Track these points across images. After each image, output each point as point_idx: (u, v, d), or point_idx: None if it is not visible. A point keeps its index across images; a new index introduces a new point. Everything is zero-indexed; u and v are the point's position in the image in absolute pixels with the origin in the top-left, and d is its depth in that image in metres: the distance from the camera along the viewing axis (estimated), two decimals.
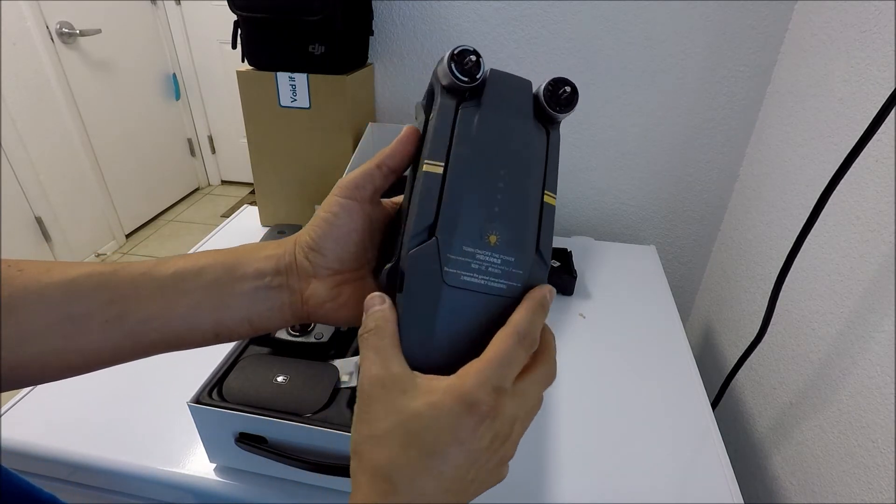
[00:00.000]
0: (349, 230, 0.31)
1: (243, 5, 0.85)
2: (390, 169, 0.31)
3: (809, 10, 0.79)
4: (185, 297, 0.30)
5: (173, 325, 0.30)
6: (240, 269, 0.31)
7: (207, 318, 0.30)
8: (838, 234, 0.64)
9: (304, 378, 0.51)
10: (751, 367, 0.82)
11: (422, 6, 0.94)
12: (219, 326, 0.31)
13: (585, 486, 0.53)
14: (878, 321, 0.56)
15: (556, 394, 0.64)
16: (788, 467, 0.69)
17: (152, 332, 0.30)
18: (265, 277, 0.31)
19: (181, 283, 0.30)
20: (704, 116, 0.95)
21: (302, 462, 0.47)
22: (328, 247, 0.31)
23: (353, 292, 0.32)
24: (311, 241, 0.31)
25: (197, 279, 0.30)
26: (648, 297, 0.85)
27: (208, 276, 0.30)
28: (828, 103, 0.70)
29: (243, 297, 0.31)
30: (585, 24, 0.90)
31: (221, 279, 0.30)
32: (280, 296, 0.31)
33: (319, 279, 0.31)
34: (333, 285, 0.32)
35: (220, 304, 0.30)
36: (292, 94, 0.88)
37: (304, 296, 0.31)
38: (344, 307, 0.32)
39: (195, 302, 0.30)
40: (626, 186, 1.05)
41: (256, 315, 0.31)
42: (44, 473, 0.56)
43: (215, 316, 0.30)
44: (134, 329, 0.29)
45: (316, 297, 0.31)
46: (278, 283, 0.31)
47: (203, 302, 0.30)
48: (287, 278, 0.31)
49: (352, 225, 0.31)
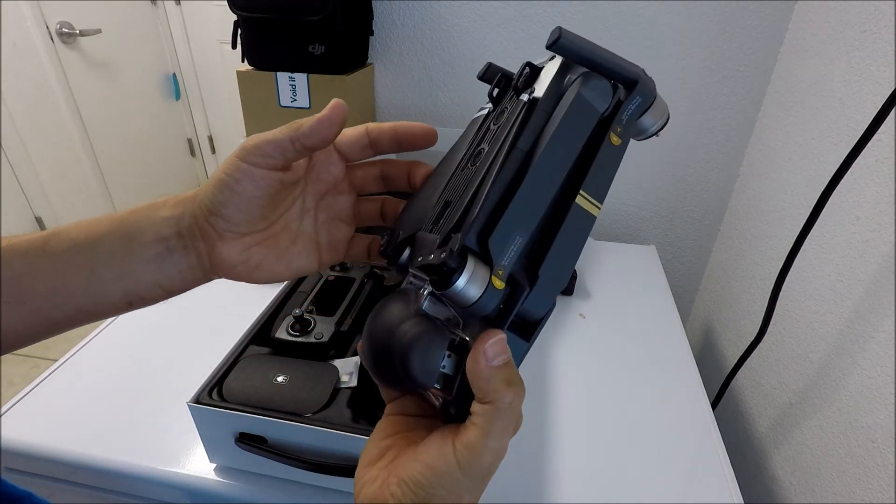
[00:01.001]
0: (252, 196, 0.28)
1: (243, 5, 0.85)
2: (305, 147, 0.28)
3: (809, 10, 0.79)
4: (84, 272, 0.28)
5: (78, 300, 0.28)
6: (137, 236, 0.28)
7: (114, 289, 0.29)
8: (838, 234, 0.64)
9: (304, 378, 0.51)
10: (751, 367, 0.82)
11: (422, 6, 0.94)
12: (129, 296, 0.29)
13: (585, 486, 0.53)
14: (878, 321, 0.56)
15: (557, 394, 0.65)
16: (788, 467, 0.69)
17: (57, 310, 0.28)
18: (167, 241, 0.29)
19: (77, 256, 0.28)
20: (704, 116, 0.95)
21: (302, 462, 0.47)
22: (229, 213, 0.28)
23: (266, 254, 0.30)
24: (210, 206, 0.28)
25: (94, 251, 0.28)
26: (648, 297, 0.85)
27: (105, 246, 0.28)
28: (828, 103, 0.70)
29: (148, 264, 0.29)
30: (585, 24, 0.90)
31: (119, 250, 0.28)
32: (187, 258, 0.29)
33: (226, 241, 0.29)
34: (243, 248, 0.30)
35: (124, 273, 0.28)
36: (292, 94, 0.88)
37: (212, 259, 0.29)
38: (257, 269, 0.30)
39: (96, 275, 0.28)
40: (626, 186, 1.05)
41: (166, 279, 0.29)
42: (44, 473, 0.56)
43: (121, 286, 0.29)
44: (39, 307, 0.28)
45: (226, 261, 0.29)
46: (182, 246, 0.29)
47: (104, 274, 0.28)
48: (191, 240, 0.29)
49: (256, 192, 0.28)
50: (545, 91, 0.27)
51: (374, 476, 0.26)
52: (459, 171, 0.29)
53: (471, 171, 0.28)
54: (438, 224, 0.27)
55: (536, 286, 0.25)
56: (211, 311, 0.75)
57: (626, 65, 0.28)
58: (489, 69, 0.31)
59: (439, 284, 0.23)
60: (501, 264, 0.24)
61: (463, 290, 0.23)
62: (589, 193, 0.27)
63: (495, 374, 0.24)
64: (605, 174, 0.28)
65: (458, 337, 0.25)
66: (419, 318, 0.24)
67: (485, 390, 0.24)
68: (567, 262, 0.27)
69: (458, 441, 0.24)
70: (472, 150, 0.29)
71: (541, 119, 0.27)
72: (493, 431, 0.24)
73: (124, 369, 0.64)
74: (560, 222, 0.26)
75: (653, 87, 0.29)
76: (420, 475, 0.24)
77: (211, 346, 0.55)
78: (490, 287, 0.24)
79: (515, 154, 0.26)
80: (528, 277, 0.26)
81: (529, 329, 0.27)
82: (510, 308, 0.25)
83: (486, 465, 0.25)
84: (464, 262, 0.23)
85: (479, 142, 0.29)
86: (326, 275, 0.67)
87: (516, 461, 0.55)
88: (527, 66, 0.29)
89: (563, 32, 0.25)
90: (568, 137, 0.27)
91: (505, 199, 0.25)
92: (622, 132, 0.28)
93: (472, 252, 0.24)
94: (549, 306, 0.27)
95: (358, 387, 0.51)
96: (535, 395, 0.64)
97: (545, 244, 0.26)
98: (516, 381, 0.25)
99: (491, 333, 0.24)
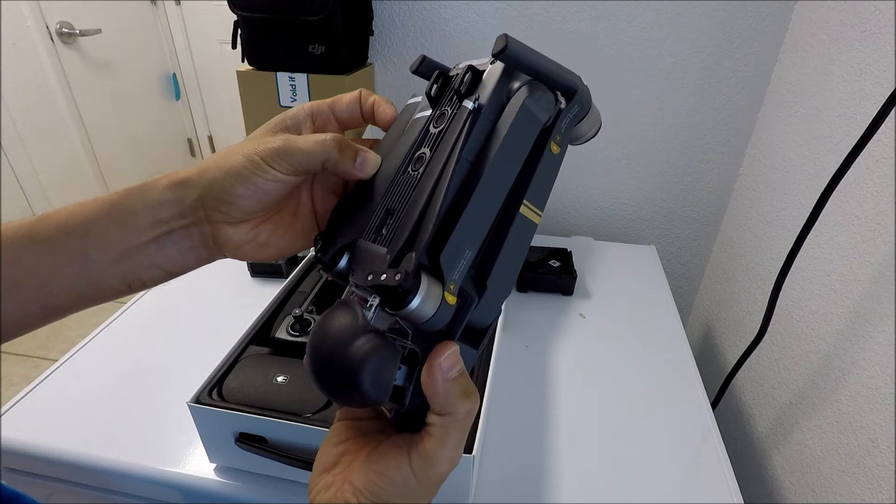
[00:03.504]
0: (273, 191, 0.28)
1: (243, 5, 0.85)
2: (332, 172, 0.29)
3: (809, 10, 0.78)
4: (78, 257, 0.27)
5: (74, 286, 0.27)
6: (131, 220, 0.27)
7: (111, 273, 0.28)
8: (838, 234, 0.64)
9: (304, 378, 0.51)
10: (751, 367, 0.82)
11: (422, 6, 0.94)
12: (128, 278, 0.28)
13: (585, 486, 0.53)
14: (878, 321, 0.56)
15: (557, 394, 0.65)
16: (788, 467, 0.69)
17: (53, 297, 0.27)
18: (166, 223, 0.28)
19: (68, 242, 0.27)
20: (704, 116, 0.95)
21: (302, 462, 0.47)
22: (248, 204, 0.28)
23: (272, 230, 0.31)
24: (224, 196, 0.28)
25: (86, 236, 0.27)
26: (648, 297, 0.85)
27: (98, 230, 0.27)
28: (828, 103, 0.70)
29: (146, 247, 0.28)
30: (585, 24, 0.90)
31: (114, 233, 0.27)
32: (189, 240, 0.29)
33: (234, 225, 0.29)
34: (250, 228, 0.30)
35: (120, 256, 0.27)
36: (292, 94, 0.88)
37: (218, 240, 0.29)
38: (265, 246, 0.30)
39: (91, 260, 0.27)
40: (626, 186, 1.05)
41: (166, 261, 0.29)
42: (44, 473, 0.56)
43: (119, 269, 0.28)
44: (32, 296, 0.27)
45: (233, 241, 0.29)
46: (183, 227, 0.28)
47: (99, 259, 0.27)
48: (194, 223, 0.28)
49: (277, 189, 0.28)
50: (489, 98, 0.27)
51: (328, 483, 0.26)
52: (400, 175, 0.28)
53: (412, 176, 0.27)
54: (381, 234, 0.27)
55: (485, 296, 0.26)
56: (211, 312, 0.75)
57: (566, 74, 0.28)
58: (423, 63, 0.30)
59: (393, 305, 0.23)
60: (453, 279, 0.24)
61: (417, 310, 0.23)
62: (531, 202, 0.27)
63: (451, 387, 0.24)
64: (546, 182, 0.28)
65: (408, 347, 0.25)
66: (370, 335, 0.24)
67: (442, 403, 0.25)
68: (513, 270, 0.27)
69: (415, 452, 0.25)
70: (412, 154, 0.29)
71: (485, 128, 0.27)
72: (449, 441, 0.25)
73: (124, 369, 0.64)
74: (506, 233, 0.26)
75: (589, 96, 0.29)
76: (374, 485, 0.25)
77: (211, 346, 0.55)
78: (443, 303, 0.23)
79: (462, 165, 0.26)
80: (476, 288, 0.26)
81: (478, 337, 0.27)
82: (461, 319, 0.25)
83: (440, 472, 0.25)
84: (418, 283, 0.23)
85: (420, 145, 0.29)
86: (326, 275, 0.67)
87: (516, 461, 0.55)
88: (469, 69, 0.28)
89: (510, 41, 0.25)
90: (514, 150, 0.27)
91: (452, 212, 0.25)
92: (561, 140, 0.28)
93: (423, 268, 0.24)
94: (497, 314, 0.27)
95: None
96: (535, 396, 0.64)
97: (492, 255, 0.26)
98: (471, 391, 0.25)
99: (444, 346, 0.25)
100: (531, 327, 0.76)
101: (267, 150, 0.28)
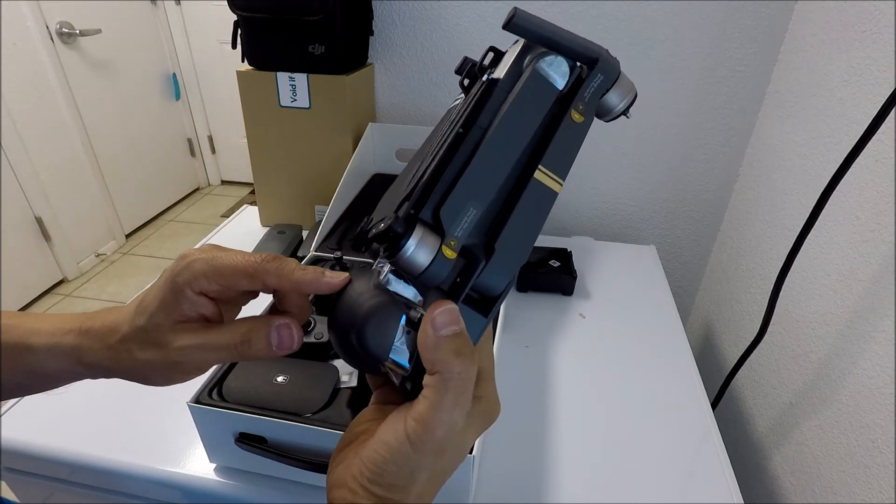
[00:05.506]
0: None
1: (243, 5, 0.85)
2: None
3: (809, 10, 0.79)
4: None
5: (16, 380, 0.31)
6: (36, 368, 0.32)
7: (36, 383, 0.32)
8: (838, 234, 0.64)
9: (304, 378, 0.51)
10: (751, 367, 0.82)
11: (422, 6, 0.94)
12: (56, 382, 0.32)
13: (585, 486, 0.53)
14: (878, 321, 0.56)
15: (557, 394, 0.65)
16: (788, 467, 0.69)
17: None
18: (71, 370, 0.32)
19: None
20: (704, 116, 0.95)
21: (302, 462, 0.47)
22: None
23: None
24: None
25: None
26: (648, 297, 0.85)
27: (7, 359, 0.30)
28: (828, 103, 0.70)
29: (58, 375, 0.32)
30: (585, 24, 0.90)
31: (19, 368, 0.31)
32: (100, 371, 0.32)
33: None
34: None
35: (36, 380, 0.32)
36: (292, 94, 0.88)
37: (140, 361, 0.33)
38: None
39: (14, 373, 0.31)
40: (626, 186, 1.05)
41: (87, 373, 0.32)
42: (44, 473, 0.56)
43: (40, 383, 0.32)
44: None
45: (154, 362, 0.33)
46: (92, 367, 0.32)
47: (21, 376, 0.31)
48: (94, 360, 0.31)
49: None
50: (505, 71, 0.28)
51: (343, 457, 0.26)
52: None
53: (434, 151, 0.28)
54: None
55: (493, 259, 0.26)
56: None
57: (587, 44, 0.28)
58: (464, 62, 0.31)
59: (390, 252, 0.24)
60: (454, 235, 0.25)
61: (411, 256, 0.23)
62: (549, 169, 0.27)
63: (442, 344, 0.24)
64: (566, 150, 0.28)
65: (420, 314, 0.25)
66: (375, 292, 0.25)
67: (431, 360, 0.24)
68: (526, 237, 0.27)
69: (409, 415, 0.24)
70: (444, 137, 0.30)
71: (500, 98, 0.27)
72: (443, 403, 0.24)
73: None
74: (518, 196, 0.26)
75: (616, 65, 0.29)
76: (374, 452, 0.24)
77: None
78: (440, 255, 0.24)
79: (474, 132, 0.26)
80: (485, 251, 0.26)
81: (488, 304, 0.27)
82: (465, 281, 0.25)
83: (437, 438, 0.24)
84: (411, 228, 0.24)
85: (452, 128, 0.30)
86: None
87: (516, 461, 0.55)
88: (490, 50, 0.29)
89: (518, 12, 0.26)
90: (523, 111, 0.27)
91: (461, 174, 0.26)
92: (584, 110, 0.28)
93: (424, 223, 0.24)
94: (508, 281, 0.27)
95: (358, 387, 0.51)
96: (535, 396, 0.64)
97: (503, 218, 0.26)
98: (466, 351, 0.24)
99: (439, 303, 0.24)
100: (531, 327, 0.76)
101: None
